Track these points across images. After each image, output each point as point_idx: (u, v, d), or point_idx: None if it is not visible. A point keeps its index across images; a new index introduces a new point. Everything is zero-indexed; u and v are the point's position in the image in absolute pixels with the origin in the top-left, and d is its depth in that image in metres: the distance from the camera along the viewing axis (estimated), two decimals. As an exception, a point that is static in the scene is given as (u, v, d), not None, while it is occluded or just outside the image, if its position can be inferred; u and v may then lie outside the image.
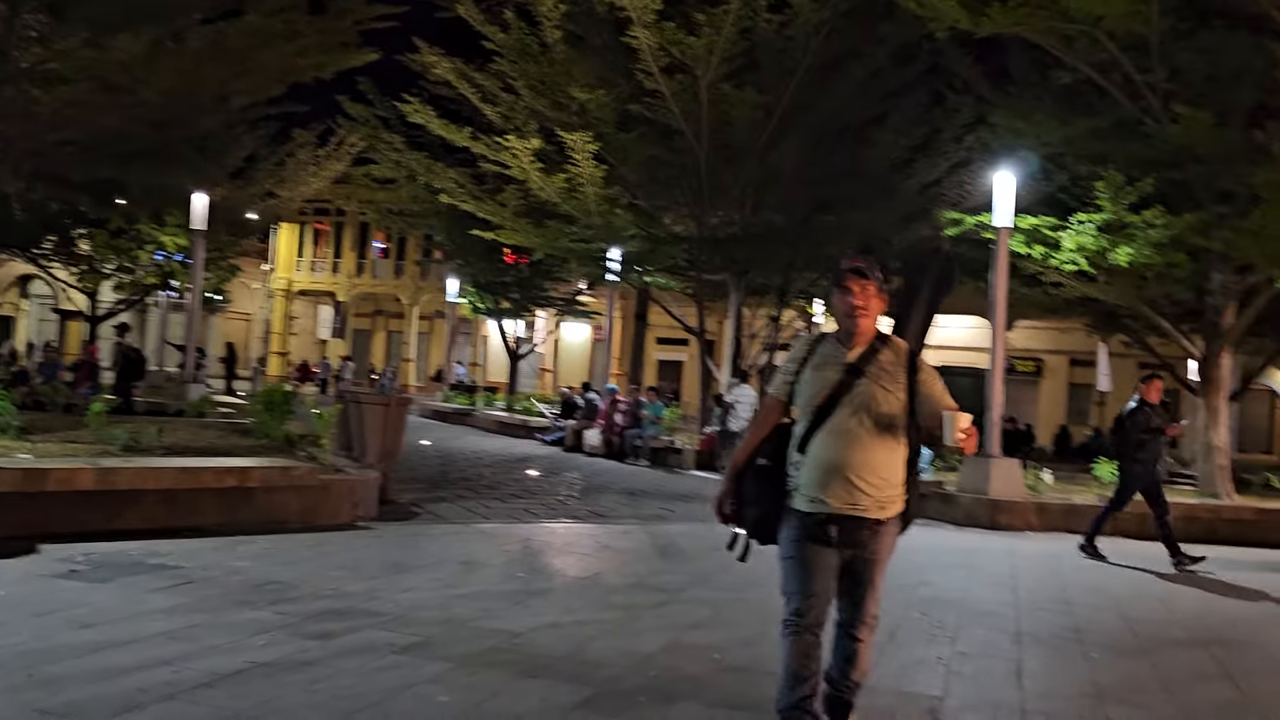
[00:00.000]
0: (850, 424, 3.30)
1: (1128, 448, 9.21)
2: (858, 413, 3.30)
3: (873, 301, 3.38)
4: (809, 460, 3.35)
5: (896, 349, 3.43)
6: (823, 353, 3.46)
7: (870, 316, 3.37)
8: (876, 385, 3.33)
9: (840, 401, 3.32)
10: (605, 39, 17.47)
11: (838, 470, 3.29)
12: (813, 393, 3.38)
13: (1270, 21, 10.83)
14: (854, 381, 3.33)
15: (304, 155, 26.95)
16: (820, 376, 3.39)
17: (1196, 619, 6.80)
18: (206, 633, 4.66)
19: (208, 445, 9.39)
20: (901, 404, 3.35)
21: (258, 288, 46.62)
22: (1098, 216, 12.25)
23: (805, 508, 3.34)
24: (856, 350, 3.39)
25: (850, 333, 3.41)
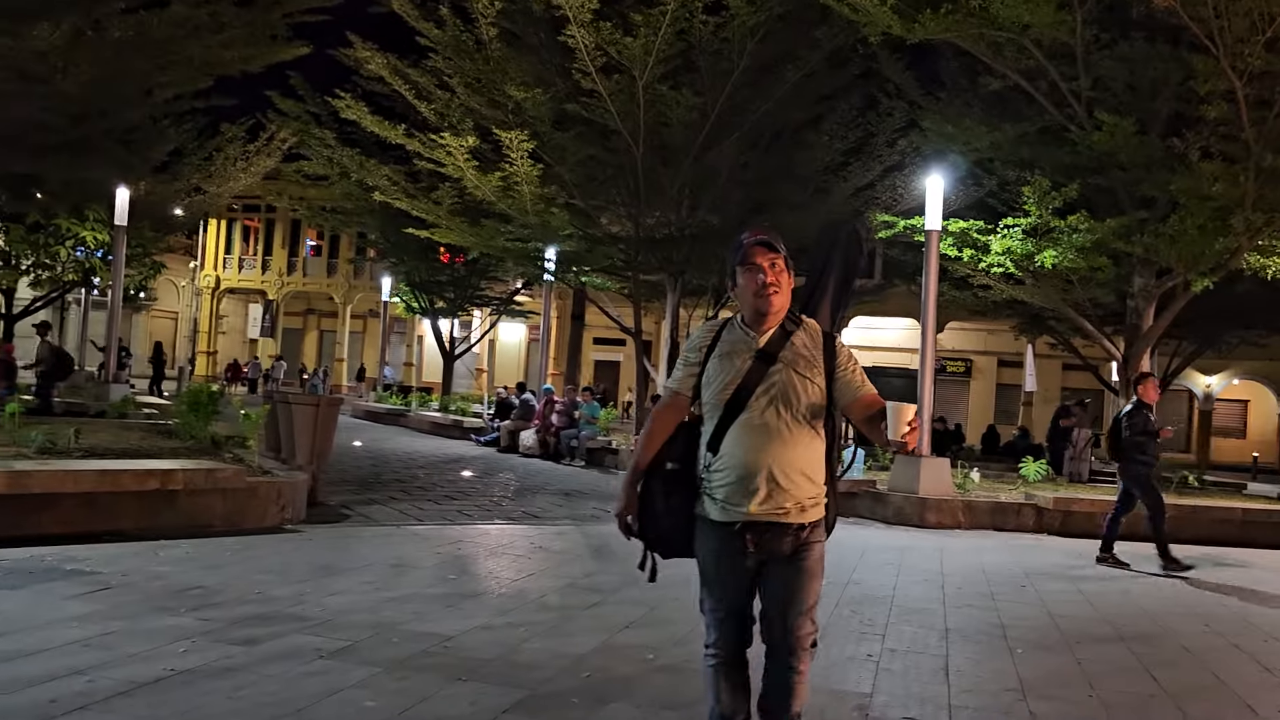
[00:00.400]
0: (767, 417, 2.88)
1: (1129, 450, 9.05)
2: (774, 404, 2.89)
3: (783, 278, 2.96)
4: (723, 460, 2.93)
5: (811, 331, 3.02)
6: (729, 339, 3.02)
7: (783, 294, 2.96)
8: (793, 372, 2.91)
9: (754, 392, 2.90)
10: (542, 38, 17.40)
11: (757, 470, 2.87)
12: (722, 384, 2.95)
13: (1187, 35, 11.19)
14: (768, 369, 2.92)
15: (233, 150, 26.40)
16: (729, 365, 2.96)
17: (1118, 614, 6.97)
18: (124, 640, 4.51)
19: (130, 447, 9.12)
20: (821, 392, 2.94)
21: (185, 285, 45.57)
22: (1024, 221, 12.54)
23: (719, 516, 2.93)
24: (767, 334, 2.97)
25: (761, 313, 2.96)
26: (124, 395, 16.53)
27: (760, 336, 2.96)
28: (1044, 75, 12.61)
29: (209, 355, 43.27)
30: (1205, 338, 19.64)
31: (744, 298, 2.98)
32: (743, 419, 2.89)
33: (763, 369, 2.92)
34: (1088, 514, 11.46)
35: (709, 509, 2.96)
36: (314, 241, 44.07)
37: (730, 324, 3.05)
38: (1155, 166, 12.14)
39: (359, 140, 22.62)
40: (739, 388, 2.91)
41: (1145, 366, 14.17)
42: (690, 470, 3.02)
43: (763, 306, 2.94)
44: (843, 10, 12.67)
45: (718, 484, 2.92)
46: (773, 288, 2.93)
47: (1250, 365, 32.27)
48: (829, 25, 15.60)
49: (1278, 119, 11.28)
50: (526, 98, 16.46)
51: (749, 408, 2.89)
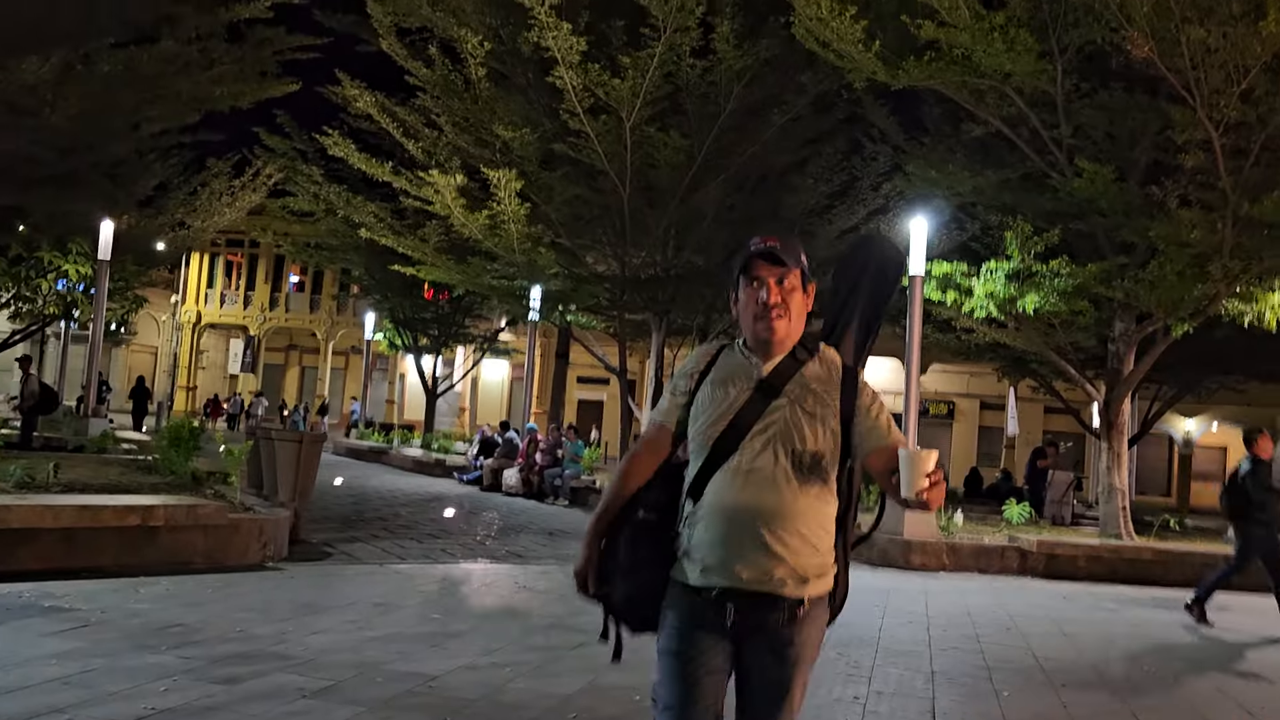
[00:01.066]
0: (762, 461, 2.32)
1: (1249, 508, 8.61)
2: (772, 446, 2.33)
3: (795, 297, 2.42)
4: (704, 510, 2.35)
5: (828, 363, 2.46)
6: (727, 364, 2.49)
7: (790, 318, 2.42)
8: (800, 410, 2.36)
9: (749, 430, 2.35)
10: (530, 78, 17.56)
11: (744, 524, 2.29)
12: (711, 417, 2.40)
13: (1165, 85, 11.40)
14: (768, 404, 2.37)
15: (218, 185, 26.36)
16: (722, 395, 2.42)
17: (1103, 657, 6.98)
18: (103, 678, 4.44)
19: (109, 482, 9.03)
20: (834, 438, 2.36)
21: (166, 319, 45.33)
22: (1007, 265, 12.66)
23: (695, 579, 2.33)
24: (773, 362, 2.43)
25: (764, 341, 2.42)
26: (103, 430, 16.37)
27: (765, 364, 2.42)
28: (1025, 122, 12.81)
29: (188, 390, 42.95)
30: (1185, 383, 19.80)
31: (743, 319, 2.47)
32: (733, 462, 2.33)
33: (762, 403, 2.36)
34: (1070, 557, 11.50)
35: (685, 571, 2.37)
36: (297, 277, 44.00)
37: (730, 347, 2.54)
38: (1135, 213, 12.31)
39: (346, 177, 22.68)
40: (731, 424, 2.35)
41: (1126, 411, 14.28)
42: (668, 523, 2.43)
43: (763, 333, 2.40)
44: (828, 56, 12.85)
45: (697, 541, 2.34)
46: (777, 311, 2.39)
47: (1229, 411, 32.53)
48: (814, 71, 15.82)
49: (1254, 168, 11.47)
50: (514, 137, 16.58)
51: (741, 449, 2.33)
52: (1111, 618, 8.74)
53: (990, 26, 10.95)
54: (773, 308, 2.38)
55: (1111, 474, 13.65)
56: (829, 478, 2.37)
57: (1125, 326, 13.59)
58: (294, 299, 44.22)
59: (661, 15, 14.54)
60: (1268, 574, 8.56)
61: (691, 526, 2.36)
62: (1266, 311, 12.28)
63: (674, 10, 14.40)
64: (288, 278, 44.06)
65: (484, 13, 16.93)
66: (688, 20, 14.70)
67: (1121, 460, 13.79)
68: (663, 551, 2.40)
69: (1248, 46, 10.36)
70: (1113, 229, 12.95)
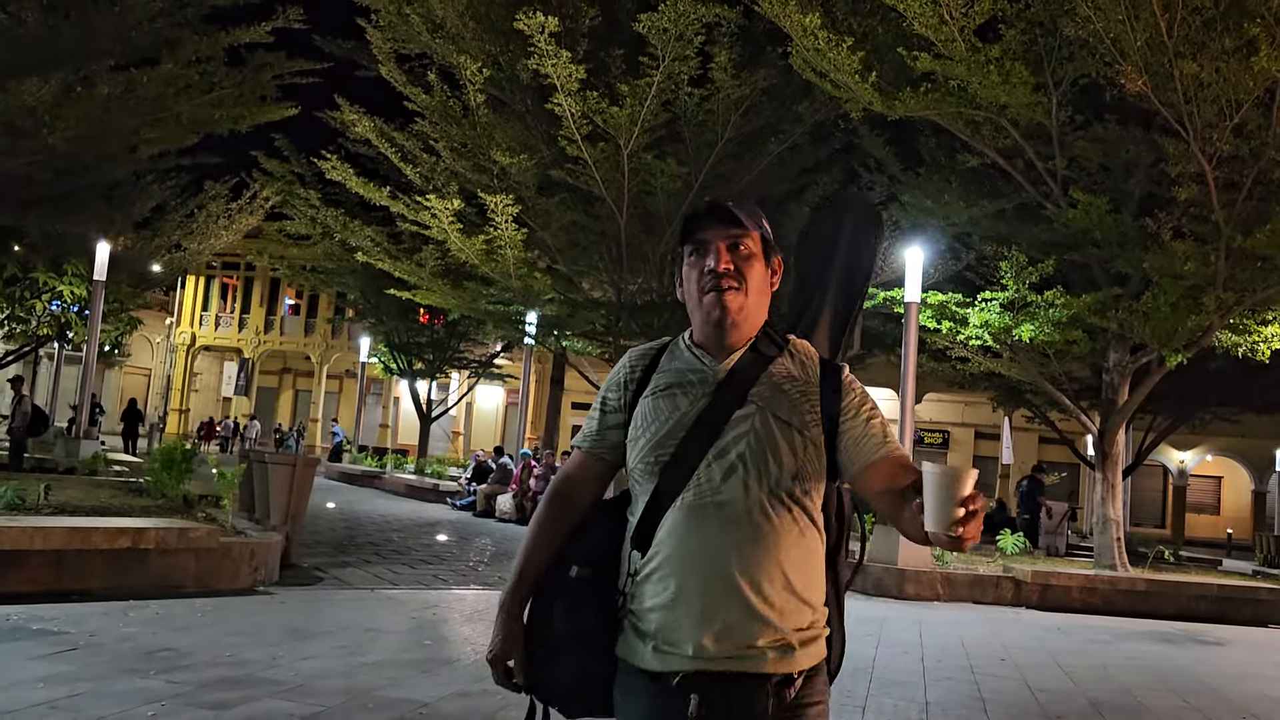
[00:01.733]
0: (729, 491, 1.74)
1: None
2: (740, 470, 1.75)
3: (753, 268, 1.85)
4: (655, 564, 1.76)
5: (802, 357, 1.90)
6: (672, 368, 1.89)
7: (747, 292, 1.84)
8: (772, 419, 1.78)
9: (708, 450, 1.76)
10: (528, 105, 17.65)
11: (710, 579, 1.72)
12: (657, 437, 1.80)
13: (1159, 119, 11.49)
14: (731, 413, 1.79)
15: (215, 208, 26.42)
16: (669, 408, 1.82)
17: (1097, 688, 6.93)
18: (92, 702, 4.39)
19: (100, 504, 8.98)
20: (818, 453, 1.80)
21: (160, 341, 45.25)
22: (1002, 294, 12.72)
23: (650, 661, 1.75)
24: (731, 359, 1.85)
25: (715, 325, 1.83)
26: (95, 452, 16.30)
27: (722, 361, 1.84)
28: (1021, 154, 12.89)
29: (181, 413, 42.82)
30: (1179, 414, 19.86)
31: (690, 302, 1.90)
32: (689, 497, 1.74)
33: (723, 413, 1.78)
34: (1065, 588, 11.47)
35: (634, 648, 1.77)
36: (293, 300, 43.99)
37: (675, 344, 1.94)
38: (1129, 244, 12.38)
39: (343, 201, 22.74)
40: (684, 444, 1.77)
41: (1121, 441, 14.29)
42: (609, 579, 1.84)
43: (712, 310, 1.82)
44: (825, 87, 12.94)
45: (649, 605, 1.75)
46: (728, 280, 1.81)
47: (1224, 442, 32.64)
48: (811, 100, 15.94)
49: (1246, 201, 11.55)
50: (512, 163, 16.64)
51: (699, 477, 1.74)
52: (1106, 649, 8.70)
53: (986, 59, 11.05)
54: (722, 276, 1.80)
55: (1106, 505, 13.64)
56: (814, 506, 1.79)
57: (1120, 357, 13.63)
58: (289, 322, 44.18)
59: (660, 44, 14.65)
60: None
61: (639, 587, 1.76)
62: (1260, 343, 12.34)
63: (672, 40, 14.51)
64: (283, 301, 44.05)
65: (483, 40, 17.04)
66: (686, 49, 14.81)
67: (1116, 491, 13.79)
68: (604, 618, 1.81)
69: (1240, 81, 10.46)
70: (1107, 260, 13.01)
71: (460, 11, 16.44)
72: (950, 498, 1.55)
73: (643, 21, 14.34)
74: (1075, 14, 10.57)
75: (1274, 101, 10.73)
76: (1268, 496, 33.67)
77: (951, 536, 1.54)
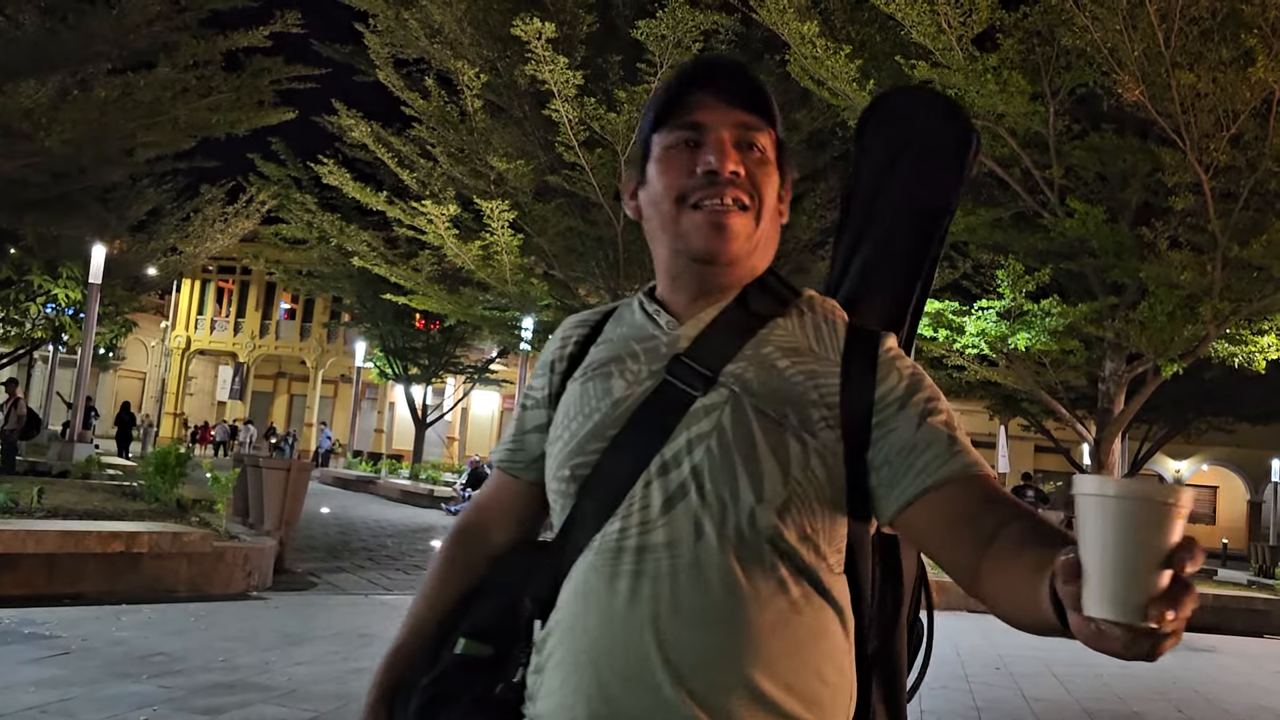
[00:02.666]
0: (668, 530, 1.04)
1: None
2: (688, 494, 1.05)
3: (770, 185, 1.18)
4: (552, 647, 1.08)
5: (820, 318, 1.19)
6: (615, 335, 1.23)
7: (761, 219, 1.17)
8: (752, 413, 1.07)
9: (645, 464, 1.08)
10: (526, 110, 17.66)
11: (617, 686, 1.01)
12: (576, 438, 1.14)
13: (1155, 129, 11.53)
14: (686, 403, 1.10)
15: (211, 212, 26.42)
16: (599, 393, 1.16)
17: (1092, 698, 6.92)
18: (83, 707, 4.36)
19: (94, 508, 8.94)
20: (828, 472, 1.06)
21: (155, 345, 45.17)
22: (998, 303, 12.73)
23: None
24: (703, 319, 1.17)
25: (706, 263, 1.16)
26: (89, 455, 16.25)
27: (684, 323, 1.18)
28: (1018, 163, 12.93)
29: (175, 417, 42.72)
30: (1175, 423, 19.91)
31: (654, 221, 1.20)
32: (608, 535, 1.07)
33: (676, 402, 1.11)
34: (1061, 597, 11.45)
35: None
36: (288, 305, 43.93)
37: (625, 307, 1.28)
38: (1125, 254, 12.41)
39: (339, 205, 22.73)
40: (612, 450, 1.11)
41: (1116, 450, 14.30)
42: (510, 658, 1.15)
43: (703, 238, 1.14)
44: (823, 94, 12.97)
45: (543, 704, 1.08)
46: (738, 193, 1.14)
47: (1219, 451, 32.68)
48: (809, 108, 15.96)
49: (1243, 211, 11.59)
50: (509, 169, 16.65)
51: (630, 503, 1.07)
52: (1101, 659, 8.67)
53: (984, 68, 11.08)
54: (729, 184, 1.12)
55: (1101, 514, 13.62)
56: (821, 562, 1.07)
57: (1115, 366, 13.65)
58: (284, 326, 44.11)
59: (658, 51, 14.67)
60: None
61: (538, 677, 1.09)
62: (1255, 353, 12.36)
63: (670, 46, 14.53)
64: (279, 305, 43.99)
65: (481, 45, 17.06)
66: (684, 56, 14.83)
67: (1111, 500, 13.77)
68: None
69: (1237, 92, 10.50)
70: (1103, 269, 13.04)
71: (458, 17, 16.46)
72: (1148, 550, 0.75)
73: (640, 28, 14.36)
74: (1073, 24, 10.60)
75: (1270, 112, 10.76)
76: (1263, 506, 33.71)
77: (1144, 629, 0.73)
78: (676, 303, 1.20)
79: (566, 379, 1.23)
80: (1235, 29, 10.37)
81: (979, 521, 1.00)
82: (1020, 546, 0.93)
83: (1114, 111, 12.48)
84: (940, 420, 1.08)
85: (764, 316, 1.18)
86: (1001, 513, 1.00)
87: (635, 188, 1.23)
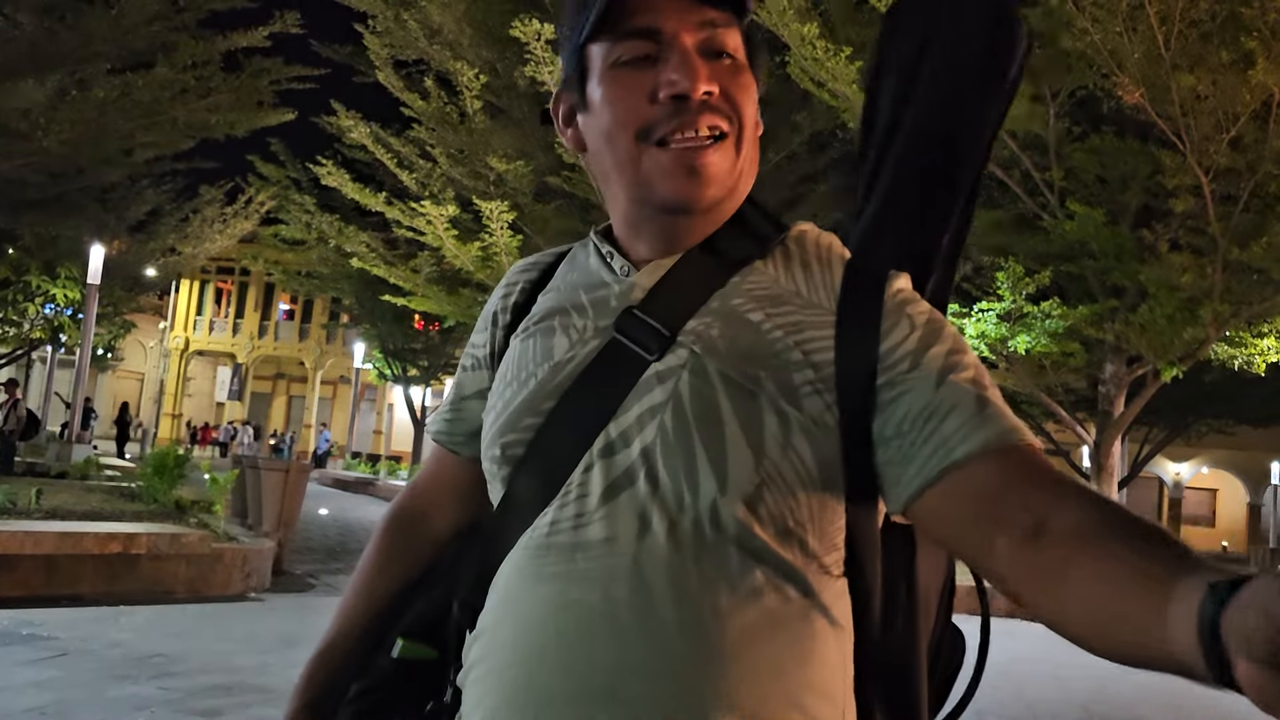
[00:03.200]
0: (607, 524, 0.84)
1: None
2: (636, 480, 0.84)
3: (748, 96, 0.96)
4: (479, 655, 0.89)
5: (809, 254, 0.96)
6: (564, 283, 1.02)
7: (742, 145, 0.95)
8: (717, 378, 0.85)
9: (588, 442, 0.87)
10: (525, 111, 17.65)
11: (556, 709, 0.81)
12: (507, 411, 0.93)
13: (1155, 131, 11.52)
14: (639, 367, 0.88)
15: (210, 212, 26.40)
16: (539, 354, 0.95)
17: (1094, 700, 6.90)
18: (82, 709, 4.34)
19: (92, 509, 8.91)
20: (815, 448, 0.84)
21: (153, 345, 45.14)
22: (998, 305, 12.71)
23: None
24: (662, 265, 0.95)
25: (676, 211, 0.93)
26: (87, 456, 16.22)
27: (642, 270, 0.96)
28: (1018, 165, 12.92)
29: (174, 418, 42.68)
30: (1175, 426, 19.91)
31: (604, 156, 0.96)
32: (538, 530, 0.87)
33: (627, 366, 0.89)
34: (1061, 599, 11.44)
35: None
36: (287, 305, 43.91)
37: (580, 248, 1.09)
38: (1125, 256, 12.40)
39: (338, 206, 22.70)
40: (549, 423, 0.90)
41: (1116, 453, 14.29)
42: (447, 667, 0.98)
43: (673, 182, 0.91)
44: (823, 96, 12.96)
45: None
46: (714, 120, 0.91)
47: (1219, 454, 32.69)
48: (809, 110, 15.95)
49: (1243, 214, 11.58)
50: (509, 170, 16.64)
51: (568, 490, 0.87)
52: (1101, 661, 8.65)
53: (984, 69, 11.06)
54: (704, 109, 0.91)
55: (1101, 516, 13.62)
56: (813, 566, 0.86)
57: (1115, 369, 13.64)
58: (283, 327, 44.08)
59: (657, 52, 14.68)
60: None
61: (468, 686, 0.91)
62: (1255, 356, 12.36)
63: (670, 47, 14.54)
64: (277, 306, 43.96)
65: (480, 46, 17.05)
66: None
67: (1111, 503, 13.78)
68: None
69: (1237, 94, 10.49)
70: (1104, 271, 13.03)
71: (457, 18, 16.45)
72: None
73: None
74: (1073, 26, 10.60)
75: (1270, 115, 10.76)
76: (1262, 509, 33.73)
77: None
78: (636, 251, 0.98)
79: (510, 334, 1.03)
80: (1235, 31, 10.37)
81: (1021, 505, 0.76)
82: (1101, 543, 0.70)
83: (1114, 114, 12.47)
84: (966, 377, 0.85)
85: (737, 260, 0.95)
86: (1053, 494, 0.75)
87: (571, 110, 0.99)
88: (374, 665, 1.01)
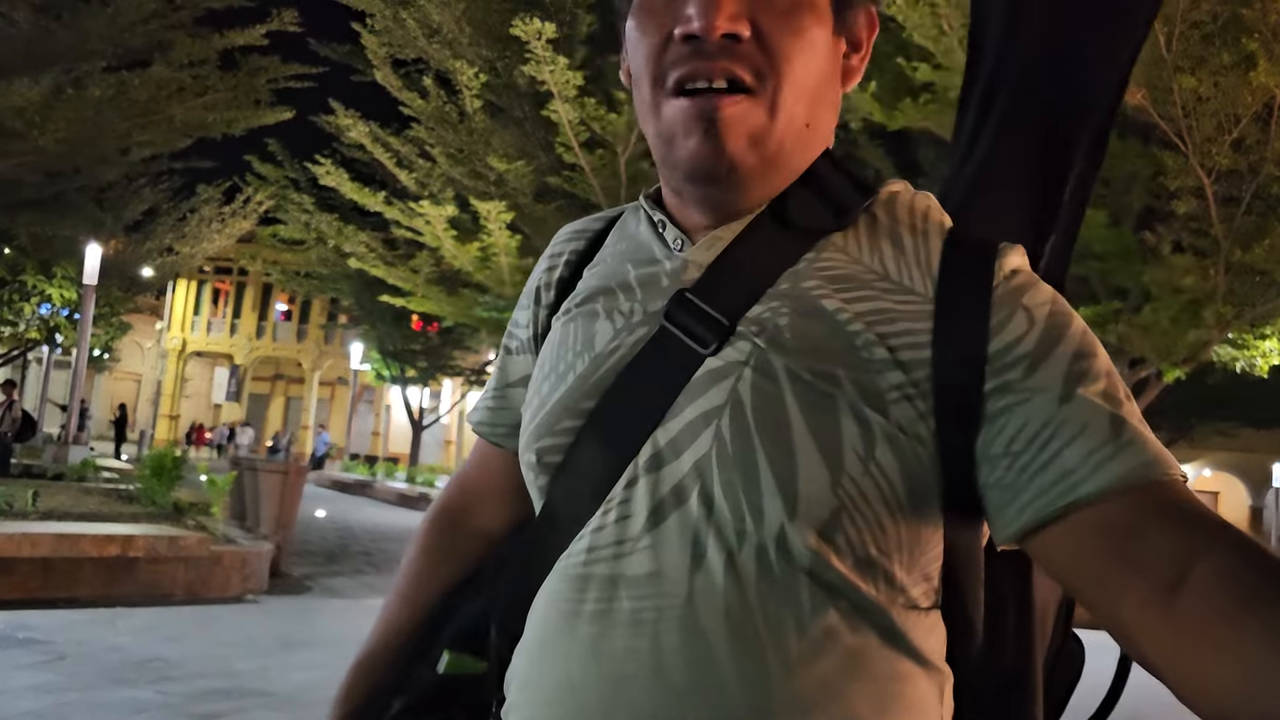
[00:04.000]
0: (653, 551, 0.71)
1: None
2: (687, 499, 0.71)
3: (803, 27, 0.75)
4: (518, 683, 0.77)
5: (900, 220, 0.80)
6: (614, 251, 0.88)
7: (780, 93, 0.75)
8: (785, 377, 0.71)
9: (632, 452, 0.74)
10: (525, 111, 17.60)
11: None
12: (542, 411, 0.81)
13: (1157, 132, 11.49)
14: (692, 363, 0.74)
15: (208, 212, 26.32)
16: (578, 342, 0.82)
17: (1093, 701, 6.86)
18: (79, 712, 4.28)
19: (89, 511, 8.84)
20: (903, 466, 0.70)
21: (150, 346, 45.04)
22: (1000, 306, 12.68)
23: None
24: (721, 238, 0.80)
25: (700, 181, 0.78)
26: (84, 458, 16.14)
27: (696, 243, 0.81)
28: (1019, 166, 12.90)
29: (171, 419, 42.58)
30: (1177, 428, 19.88)
31: (639, 103, 0.81)
32: (577, 555, 0.75)
33: (679, 363, 0.75)
34: (1063, 602, 11.40)
35: None
36: (285, 306, 43.80)
37: (633, 211, 0.92)
38: (1128, 258, 12.36)
39: (337, 206, 22.64)
40: (585, 431, 0.78)
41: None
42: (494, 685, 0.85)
43: (688, 141, 0.76)
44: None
45: None
46: (728, 65, 0.73)
47: (1221, 457, 32.70)
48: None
49: (1246, 216, 11.54)
50: (509, 170, 16.59)
51: (607, 508, 0.74)
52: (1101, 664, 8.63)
53: (986, 70, 11.02)
54: (714, 54, 0.74)
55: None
56: (899, 601, 0.72)
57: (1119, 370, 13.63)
58: (281, 328, 43.98)
59: (658, 52, 14.64)
60: None
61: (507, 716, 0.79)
62: (1258, 358, 12.32)
63: (670, 47, 14.50)
64: (275, 306, 43.87)
65: (480, 45, 17.00)
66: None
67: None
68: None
69: (1239, 96, 10.46)
70: (1106, 273, 13.00)
71: (457, 16, 16.40)
72: None
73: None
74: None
75: (1272, 116, 10.73)
76: (1264, 512, 33.74)
77: None
78: (689, 219, 0.83)
79: (553, 314, 0.89)
80: (1237, 33, 10.34)
81: (1161, 553, 0.62)
82: (1270, 604, 0.57)
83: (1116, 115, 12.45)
84: (1097, 390, 0.69)
85: (811, 232, 0.79)
86: (1199, 539, 0.62)
87: (624, 74, 0.88)
88: (417, 677, 0.91)
